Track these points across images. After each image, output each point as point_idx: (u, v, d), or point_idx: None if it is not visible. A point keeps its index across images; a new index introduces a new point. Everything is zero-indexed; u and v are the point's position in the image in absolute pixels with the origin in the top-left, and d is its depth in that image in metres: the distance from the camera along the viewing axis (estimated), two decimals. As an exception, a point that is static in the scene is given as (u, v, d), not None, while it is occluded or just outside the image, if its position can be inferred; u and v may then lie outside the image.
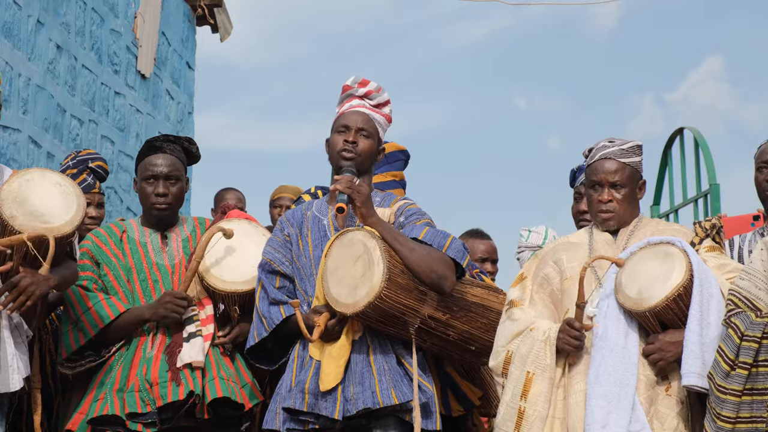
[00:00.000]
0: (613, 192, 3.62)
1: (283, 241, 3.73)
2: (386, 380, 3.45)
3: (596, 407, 3.30)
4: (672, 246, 3.42)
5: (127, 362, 3.77)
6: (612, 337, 3.38)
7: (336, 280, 3.49)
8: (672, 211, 7.80)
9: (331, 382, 3.44)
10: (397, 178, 4.47)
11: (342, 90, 3.83)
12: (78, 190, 3.56)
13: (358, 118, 3.73)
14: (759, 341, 3.13)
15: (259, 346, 3.68)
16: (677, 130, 7.81)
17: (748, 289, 3.26)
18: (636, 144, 3.67)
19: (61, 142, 7.17)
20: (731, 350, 3.16)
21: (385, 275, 3.40)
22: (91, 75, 7.69)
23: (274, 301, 3.64)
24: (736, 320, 3.20)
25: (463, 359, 3.84)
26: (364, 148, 3.70)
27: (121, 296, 3.87)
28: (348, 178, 3.57)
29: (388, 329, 3.53)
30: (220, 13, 10.02)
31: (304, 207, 3.82)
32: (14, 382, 3.44)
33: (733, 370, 3.14)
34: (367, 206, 3.54)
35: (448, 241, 3.56)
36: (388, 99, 3.83)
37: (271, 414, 3.57)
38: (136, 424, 3.66)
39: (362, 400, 3.41)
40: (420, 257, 3.50)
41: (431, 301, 3.55)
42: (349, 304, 3.44)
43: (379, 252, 3.43)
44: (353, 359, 3.50)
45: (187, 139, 4.08)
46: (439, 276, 3.51)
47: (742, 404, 3.12)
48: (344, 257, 3.50)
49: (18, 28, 6.45)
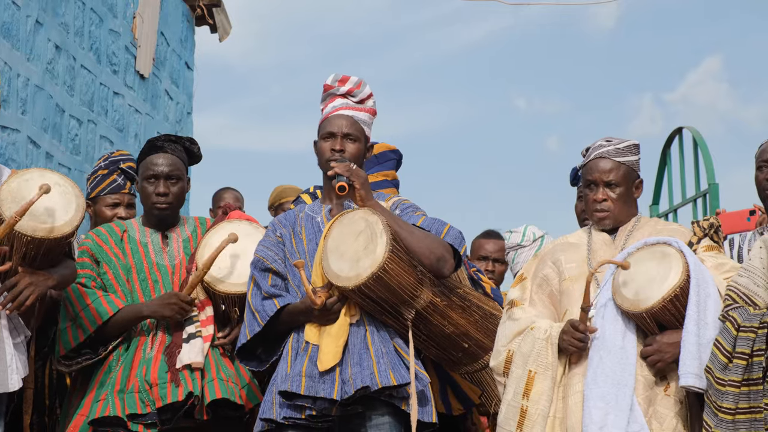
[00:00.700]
0: (607, 191, 3.62)
1: (275, 240, 3.73)
2: (384, 362, 3.45)
3: (594, 408, 3.30)
4: (669, 246, 3.42)
5: (126, 363, 3.77)
6: (610, 338, 3.38)
7: (337, 255, 3.50)
8: (671, 210, 7.80)
9: (330, 362, 3.43)
10: (389, 178, 4.46)
11: (323, 89, 3.83)
12: (77, 191, 3.56)
13: (342, 123, 3.74)
14: (755, 331, 3.14)
15: (249, 347, 3.65)
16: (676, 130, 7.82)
17: (746, 286, 3.27)
18: (632, 143, 3.68)
19: (60, 143, 7.17)
20: (728, 342, 3.17)
21: (389, 246, 3.42)
22: (90, 75, 7.69)
23: (267, 295, 3.62)
24: (734, 313, 3.21)
25: (459, 362, 3.82)
26: (352, 153, 3.72)
27: (120, 295, 3.87)
28: (346, 164, 3.61)
29: (385, 315, 3.52)
30: (218, 13, 10.02)
31: (296, 210, 3.84)
32: (13, 382, 3.44)
33: (731, 362, 3.14)
34: (366, 189, 3.57)
35: (445, 229, 3.60)
36: (371, 92, 3.83)
37: (267, 404, 3.51)
38: (137, 425, 3.66)
39: (360, 379, 3.40)
40: (419, 239, 3.53)
41: (431, 286, 3.56)
42: (351, 277, 3.44)
43: (381, 225, 3.45)
44: (351, 342, 3.49)
45: (188, 139, 4.08)
46: (438, 258, 3.53)
47: (741, 395, 3.12)
48: (345, 234, 3.52)
49: (17, 28, 6.45)
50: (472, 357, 3.75)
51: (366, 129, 3.79)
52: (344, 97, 3.80)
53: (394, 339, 3.55)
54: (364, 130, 3.78)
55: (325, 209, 3.75)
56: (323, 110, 3.82)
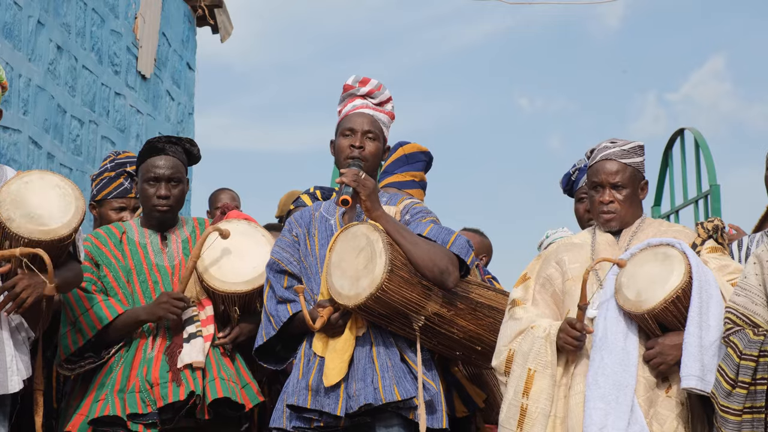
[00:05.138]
0: (614, 193, 3.62)
1: (291, 241, 3.73)
2: (389, 376, 3.44)
3: (594, 409, 3.30)
4: (671, 248, 3.42)
5: (127, 363, 3.77)
6: (611, 338, 3.37)
7: (339, 272, 3.49)
8: (673, 211, 7.80)
9: (334, 378, 3.44)
10: (417, 179, 4.46)
11: (343, 89, 3.83)
12: (77, 193, 3.55)
13: (363, 121, 3.73)
14: (756, 360, 3.13)
15: (267, 347, 3.68)
16: (678, 131, 7.83)
17: (744, 305, 3.25)
18: (637, 144, 3.67)
19: (61, 143, 7.17)
20: (731, 369, 3.16)
21: (387, 267, 3.40)
22: (92, 76, 7.69)
23: (281, 299, 3.64)
24: (735, 339, 3.19)
25: (470, 360, 3.84)
26: (371, 151, 3.71)
27: (120, 297, 3.86)
28: (354, 172, 3.57)
29: (391, 325, 3.52)
30: (220, 13, 10.02)
31: (312, 208, 3.83)
32: (13, 384, 3.43)
33: (734, 389, 3.14)
34: (372, 199, 3.55)
35: (452, 238, 3.57)
36: (390, 96, 3.83)
37: (278, 412, 3.58)
38: (137, 425, 3.65)
39: (364, 395, 3.41)
40: (423, 252, 3.50)
41: (436, 297, 3.55)
42: (351, 296, 3.44)
43: (381, 244, 3.43)
44: (356, 355, 3.50)
45: (188, 141, 4.07)
46: (442, 271, 3.51)
47: (744, 423, 3.11)
48: (347, 250, 3.50)
49: (18, 28, 6.45)
50: (486, 358, 3.74)
51: (385, 130, 3.79)
52: (364, 98, 3.79)
53: (402, 348, 3.55)
54: (383, 131, 3.78)
55: (339, 212, 3.74)
56: (342, 110, 3.81)
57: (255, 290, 3.82)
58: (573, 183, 4.66)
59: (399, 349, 3.55)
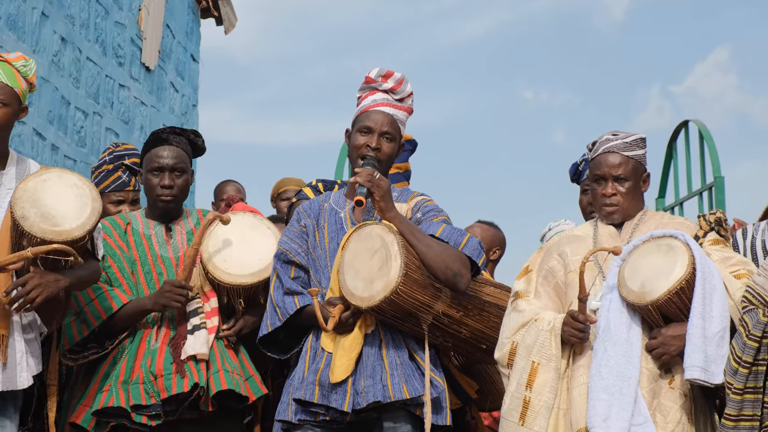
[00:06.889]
0: (616, 185, 3.62)
1: (299, 231, 3.73)
2: (398, 374, 3.45)
3: (598, 400, 3.30)
4: (675, 239, 3.42)
5: (131, 354, 3.78)
6: (615, 330, 3.38)
7: (353, 272, 3.49)
8: (677, 203, 7.80)
9: (341, 375, 3.44)
10: (401, 170, 4.45)
11: (365, 80, 3.78)
12: (95, 194, 3.51)
13: (383, 120, 3.69)
14: (759, 340, 3.14)
15: (271, 336, 3.68)
16: (682, 123, 7.82)
17: (762, 285, 3.26)
18: (639, 137, 3.67)
19: (66, 135, 7.18)
20: (740, 348, 3.18)
21: (402, 270, 3.40)
22: (96, 67, 7.69)
23: (288, 291, 3.65)
24: (747, 317, 3.21)
25: (474, 357, 3.85)
26: (387, 152, 3.69)
27: (125, 288, 3.87)
28: (368, 171, 3.56)
29: (401, 324, 3.53)
30: (224, 5, 10.02)
31: (321, 198, 3.81)
32: (22, 380, 3.43)
33: (739, 368, 3.15)
34: (386, 200, 3.54)
35: (464, 239, 3.56)
36: (411, 91, 3.79)
37: (284, 405, 3.58)
38: (140, 416, 3.66)
39: (372, 393, 3.41)
40: (436, 254, 3.50)
41: (445, 298, 3.55)
42: (364, 298, 3.45)
43: (397, 247, 3.43)
44: (365, 352, 3.50)
45: (193, 132, 4.08)
46: (455, 273, 3.51)
47: (745, 402, 3.13)
48: (361, 250, 3.50)
49: (22, 20, 6.45)
50: (490, 354, 3.74)
51: (402, 128, 3.77)
52: (385, 93, 3.76)
53: (410, 345, 3.56)
54: (401, 129, 3.76)
55: (349, 206, 3.73)
56: (361, 101, 3.76)
57: (260, 283, 3.82)
58: (580, 173, 4.67)
59: (408, 347, 3.55)
